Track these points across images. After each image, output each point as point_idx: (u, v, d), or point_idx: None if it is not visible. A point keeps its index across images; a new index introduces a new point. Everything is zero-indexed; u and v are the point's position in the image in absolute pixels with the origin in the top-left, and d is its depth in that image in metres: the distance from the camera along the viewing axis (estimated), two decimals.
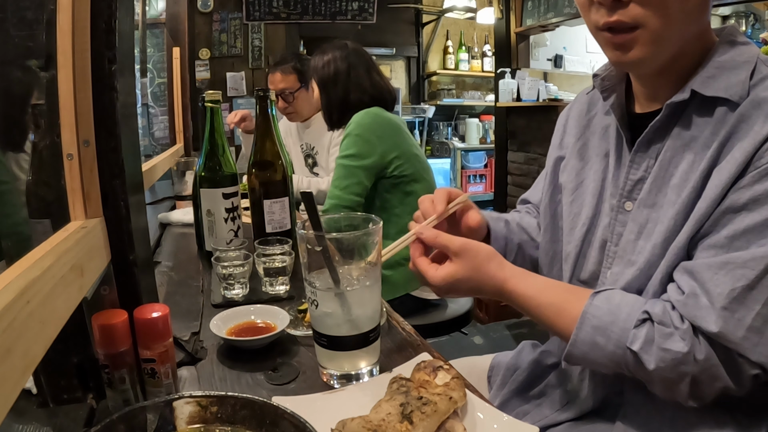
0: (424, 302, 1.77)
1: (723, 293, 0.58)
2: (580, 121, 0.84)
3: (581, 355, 0.65)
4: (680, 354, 0.59)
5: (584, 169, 0.81)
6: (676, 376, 0.60)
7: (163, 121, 2.71)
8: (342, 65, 1.76)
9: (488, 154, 5.11)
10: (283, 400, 0.55)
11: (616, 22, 0.64)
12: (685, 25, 0.64)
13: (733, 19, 3.80)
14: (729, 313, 0.58)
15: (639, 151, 0.70)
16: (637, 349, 0.61)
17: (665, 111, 0.67)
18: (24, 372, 0.40)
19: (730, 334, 0.58)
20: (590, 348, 0.64)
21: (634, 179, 0.71)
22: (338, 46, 1.80)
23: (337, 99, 1.76)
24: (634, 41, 0.64)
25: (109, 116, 0.63)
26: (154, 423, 0.50)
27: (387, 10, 4.53)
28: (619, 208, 0.72)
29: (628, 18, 0.63)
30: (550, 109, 3.56)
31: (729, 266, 0.59)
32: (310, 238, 0.66)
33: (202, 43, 4.01)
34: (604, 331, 0.63)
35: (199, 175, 1.21)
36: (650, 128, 0.69)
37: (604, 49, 0.69)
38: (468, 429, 0.58)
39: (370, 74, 1.78)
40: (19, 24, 0.62)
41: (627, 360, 0.62)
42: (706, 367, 0.59)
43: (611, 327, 0.63)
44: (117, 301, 0.65)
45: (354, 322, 0.67)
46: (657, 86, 0.71)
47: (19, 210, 0.66)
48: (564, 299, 0.69)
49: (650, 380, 0.63)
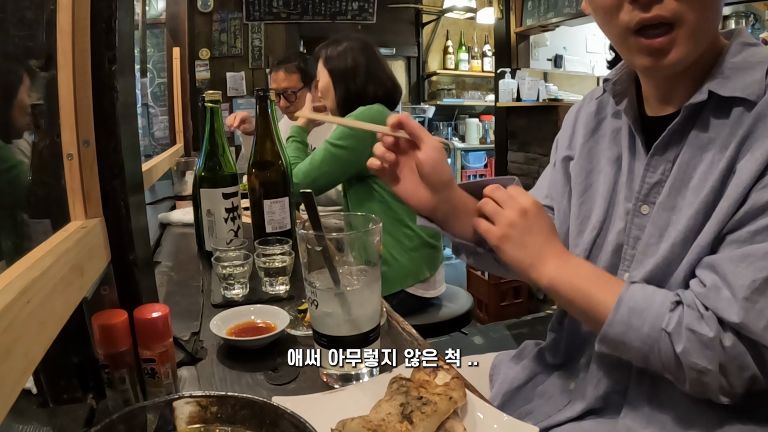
0: (423, 301, 1.77)
1: (744, 285, 0.59)
2: (588, 124, 0.84)
3: (616, 336, 0.65)
4: (707, 337, 0.59)
5: (593, 172, 0.81)
6: (704, 362, 0.60)
7: (163, 121, 2.71)
8: (361, 57, 1.75)
9: (488, 154, 5.12)
10: (283, 400, 0.55)
11: (654, 18, 0.61)
12: (716, 20, 0.64)
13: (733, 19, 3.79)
14: (750, 304, 0.58)
15: (656, 155, 0.70)
16: (670, 330, 0.61)
17: (683, 113, 0.66)
18: (24, 372, 0.40)
19: (752, 325, 0.58)
20: (626, 329, 0.64)
21: (651, 182, 0.71)
22: (353, 38, 1.80)
23: (357, 90, 1.74)
24: (672, 43, 0.62)
25: (109, 116, 0.63)
26: (154, 423, 0.50)
27: (387, 10, 4.54)
28: (635, 211, 0.72)
29: (667, 12, 0.60)
30: (550, 109, 3.56)
31: (750, 258, 0.59)
32: (310, 238, 0.66)
33: (202, 43, 4.01)
34: (641, 314, 0.63)
35: (199, 175, 1.21)
36: (668, 131, 0.68)
37: (633, 55, 0.66)
38: (468, 429, 0.58)
39: (384, 68, 1.80)
40: (19, 24, 0.62)
41: (660, 343, 0.62)
42: (734, 356, 0.59)
43: (647, 310, 0.63)
44: (117, 301, 0.65)
45: (354, 322, 0.67)
46: (672, 89, 0.71)
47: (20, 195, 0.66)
48: (600, 286, 0.69)
49: (680, 369, 0.62)
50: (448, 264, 4.66)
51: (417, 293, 1.75)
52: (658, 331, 0.62)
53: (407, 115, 0.75)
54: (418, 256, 1.73)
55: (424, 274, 1.75)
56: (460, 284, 2.78)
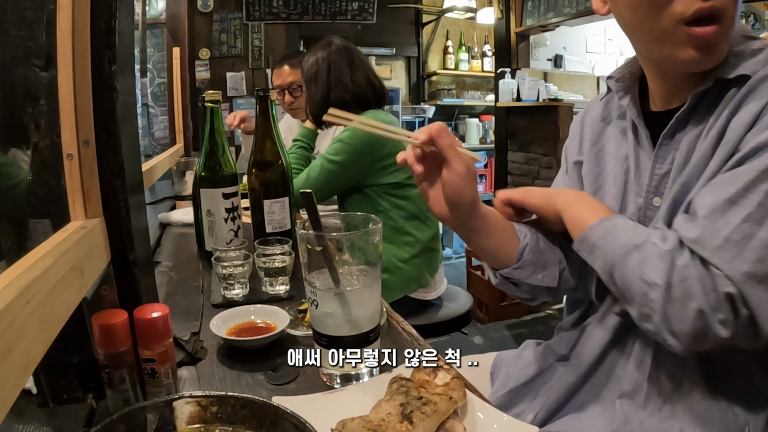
0: (424, 303, 1.77)
1: (704, 205, 0.61)
2: (594, 127, 0.85)
3: (594, 239, 0.69)
4: (662, 249, 0.62)
5: (601, 174, 0.81)
6: (653, 274, 0.61)
7: (163, 121, 2.71)
8: (323, 64, 1.74)
9: (488, 154, 5.11)
10: (283, 400, 0.55)
11: (711, 8, 0.61)
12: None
13: None
14: (708, 222, 0.60)
15: (663, 145, 0.71)
16: (638, 243, 0.64)
17: (691, 101, 0.68)
18: (24, 372, 0.40)
19: (707, 241, 0.59)
20: (605, 234, 0.68)
21: (660, 173, 0.72)
22: (323, 45, 1.78)
23: (318, 97, 1.74)
24: (719, 35, 0.63)
25: (109, 116, 0.63)
26: (154, 423, 0.50)
27: (387, 10, 4.53)
28: (647, 205, 0.73)
29: (719, 4, 0.61)
30: (550, 109, 3.56)
31: (714, 185, 0.62)
32: (310, 238, 0.66)
33: (202, 43, 4.01)
34: (623, 228, 0.67)
35: (199, 175, 1.21)
36: (675, 119, 0.70)
37: (680, 48, 0.65)
38: (468, 429, 0.58)
39: (352, 72, 1.74)
40: (19, 24, 0.62)
41: (627, 258, 0.64)
42: (682, 276, 0.60)
43: (629, 229, 0.67)
44: (117, 301, 0.65)
45: (354, 322, 0.67)
46: (683, 86, 0.71)
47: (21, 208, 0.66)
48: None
49: (632, 284, 0.64)
50: (448, 264, 4.67)
51: (419, 297, 1.75)
52: (630, 247, 0.64)
53: (441, 131, 0.67)
54: (419, 261, 1.74)
55: (426, 278, 1.75)
56: (460, 284, 2.78)
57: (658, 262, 0.61)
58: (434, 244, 1.78)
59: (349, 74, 1.74)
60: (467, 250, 3.53)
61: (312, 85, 1.76)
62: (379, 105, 1.78)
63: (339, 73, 1.73)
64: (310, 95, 1.77)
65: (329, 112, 0.73)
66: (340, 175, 1.66)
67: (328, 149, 1.67)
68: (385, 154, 1.67)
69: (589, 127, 0.86)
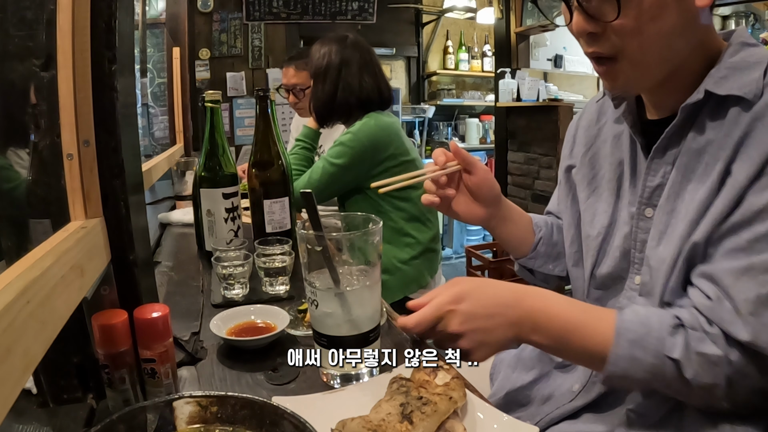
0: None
1: (749, 300, 0.58)
2: (589, 131, 0.85)
3: (621, 372, 0.62)
4: (716, 356, 0.59)
5: (596, 177, 0.81)
6: (711, 379, 0.60)
7: (163, 121, 2.71)
8: (335, 60, 1.69)
9: (488, 154, 5.11)
10: (283, 400, 0.55)
11: (593, 53, 0.67)
12: (667, 45, 0.64)
13: (733, 19, 3.79)
14: (756, 320, 0.58)
15: (655, 158, 0.71)
16: (677, 357, 0.60)
17: (681, 115, 0.67)
18: (24, 372, 0.40)
19: (760, 341, 0.58)
20: (629, 363, 0.62)
21: (652, 186, 0.71)
22: (338, 39, 1.73)
23: (324, 96, 1.70)
24: (612, 72, 0.67)
25: (109, 116, 0.63)
26: (154, 423, 0.50)
27: (387, 10, 4.53)
28: (639, 215, 0.72)
29: (605, 49, 0.65)
30: (550, 109, 3.56)
31: (752, 272, 0.58)
32: (310, 238, 0.66)
33: (202, 43, 4.01)
34: (641, 343, 0.61)
35: (199, 175, 1.21)
36: (666, 134, 0.68)
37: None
38: (468, 429, 0.58)
39: (361, 74, 1.70)
40: (19, 24, 0.62)
41: (666, 370, 0.61)
42: (740, 369, 0.59)
43: (647, 338, 0.61)
44: (117, 301, 0.65)
45: (354, 322, 0.67)
46: (662, 96, 0.72)
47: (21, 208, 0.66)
48: (588, 318, 0.66)
49: (688, 390, 0.61)
50: (448, 264, 4.68)
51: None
52: (661, 359, 0.61)
53: (452, 146, 0.80)
54: (419, 262, 1.74)
55: (426, 279, 1.76)
56: None
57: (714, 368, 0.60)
58: (434, 246, 1.79)
59: (358, 77, 1.69)
60: (467, 250, 3.53)
61: (319, 80, 1.71)
62: (383, 108, 1.76)
63: (349, 74, 1.69)
64: (316, 92, 1.73)
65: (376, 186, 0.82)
66: (341, 177, 1.66)
67: (330, 152, 1.67)
68: (386, 156, 1.67)
69: (583, 131, 0.86)
